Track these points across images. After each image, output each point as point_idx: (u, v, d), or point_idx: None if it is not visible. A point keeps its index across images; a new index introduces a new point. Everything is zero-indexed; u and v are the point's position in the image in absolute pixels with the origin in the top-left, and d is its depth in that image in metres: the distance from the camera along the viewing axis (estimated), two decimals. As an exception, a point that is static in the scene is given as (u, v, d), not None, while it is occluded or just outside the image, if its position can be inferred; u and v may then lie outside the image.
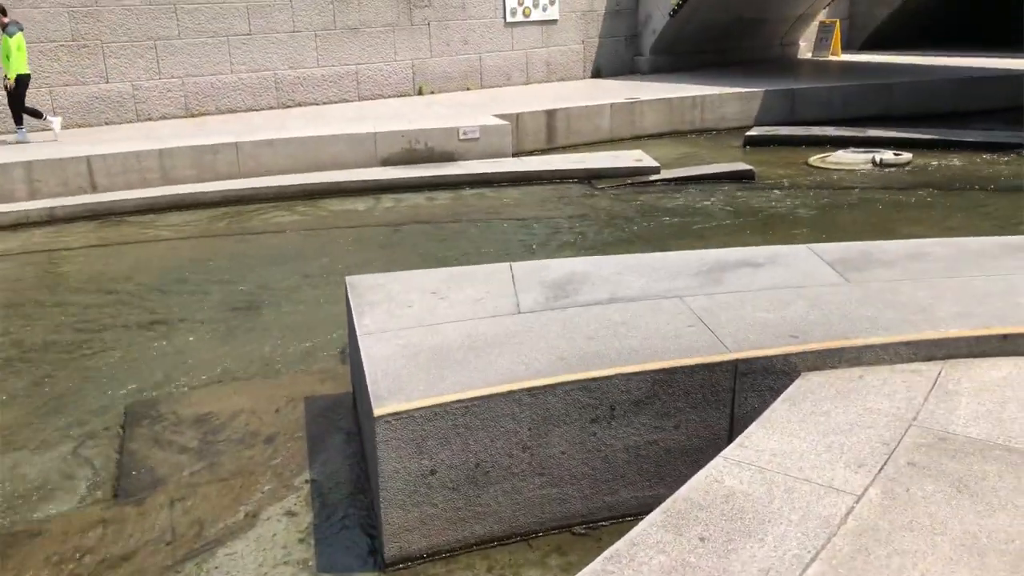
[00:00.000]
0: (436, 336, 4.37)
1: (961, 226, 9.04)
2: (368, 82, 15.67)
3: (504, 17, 17.08)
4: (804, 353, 4.14)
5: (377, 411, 3.63)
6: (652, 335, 4.34)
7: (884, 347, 4.19)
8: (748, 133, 14.36)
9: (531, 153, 13.52)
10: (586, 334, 4.38)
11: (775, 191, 10.95)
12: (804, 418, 3.69)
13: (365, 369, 4.02)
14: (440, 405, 3.71)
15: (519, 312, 4.70)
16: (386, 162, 12.09)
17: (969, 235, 8.67)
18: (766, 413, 3.77)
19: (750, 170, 11.66)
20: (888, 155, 12.32)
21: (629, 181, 11.64)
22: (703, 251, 5.82)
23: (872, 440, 3.47)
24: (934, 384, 3.97)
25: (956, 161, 12.35)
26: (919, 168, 11.98)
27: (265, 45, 14.35)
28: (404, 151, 12.18)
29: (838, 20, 21.86)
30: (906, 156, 12.38)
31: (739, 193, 10.90)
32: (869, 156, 12.34)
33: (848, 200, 10.36)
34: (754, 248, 5.82)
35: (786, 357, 4.12)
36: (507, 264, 5.53)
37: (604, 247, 8.82)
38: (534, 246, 8.93)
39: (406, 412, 3.65)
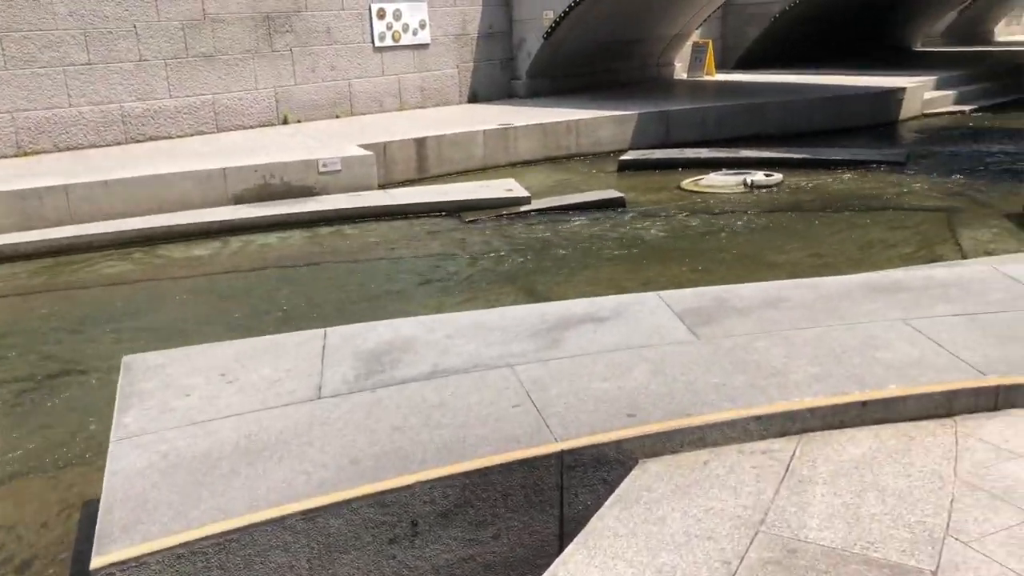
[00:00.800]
0: (207, 438, 3.57)
1: (830, 252, 8.73)
2: (227, 112, 14.64)
3: (373, 42, 16.31)
4: (641, 437, 3.52)
5: (96, 561, 2.80)
6: (470, 421, 3.65)
7: (732, 424, 3.61)
8: (622, 158, 13.98)
9: (401, 184, 12.75)
10: (393, 423, 3.66)
11: (646, 219, 10.50)
12: (635, 528, 3.05)
13: (103, 493, 3.19)
14: (185, 544, 2.91)
15: (319, 397, 3.94)
16: (238, 200, 11.12)
17: (838, 261, 8.42)
18: (591, 523, 3.11)
19: (621, 197, 11.20)
20: (759, 176, 12.08)
21: (499, 213, 11.02)
22: (546, 305, 5.19)
23: (711, 558, 2.85)
24: (787, 469, 3.40)
25: (825, 180, 12.21)
26: (790, 189, 11.77)
27: (107, 76, 13.16)
28: (258, 187, 11.24)
29: (711, 40, 21.96)
30: (777, 177, 12.17)
31: (609, 222, 10.41)
32: (741, 178, 12.08)
33: (718, 226, 9.99)
34: (601, 299, 5.22)
35: (620, 444, 3.48)
36: (322, 331, 4.76)
37: (467, 289, 8.14)
38: (391, 291, 8.17)
39: (137, 559, 2.83)
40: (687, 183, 12.38)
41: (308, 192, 11.47)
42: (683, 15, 20.29)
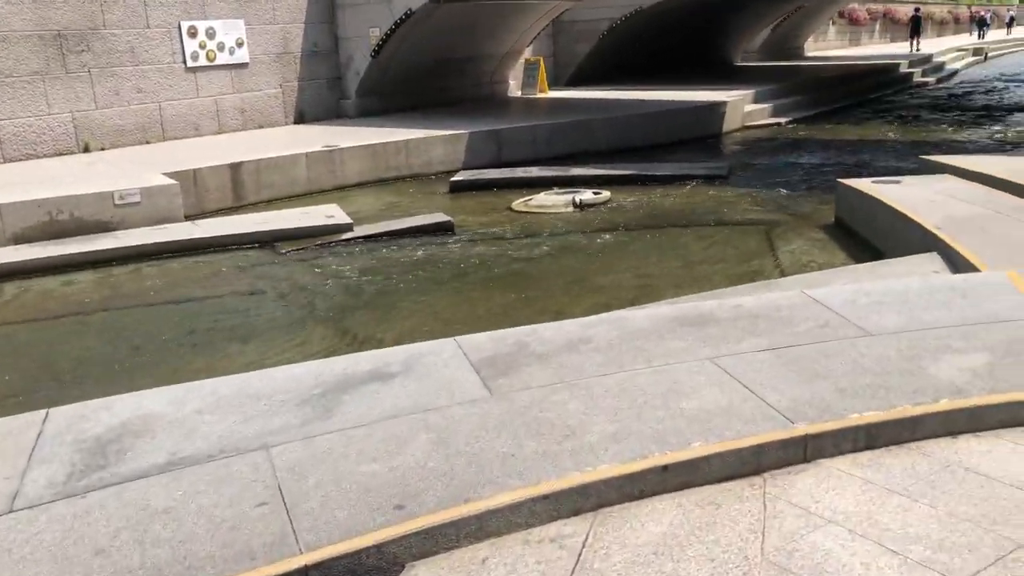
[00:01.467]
0: None
1: (654, 272, 8.47)
2: (16, 141, 13.08)
3: (184, 61, 15.09)
4: (407, 536, 2.89)
5: None
6: (198, 534, 2.91)
7: (517, 507, 3.05)
8: (453, 179, 13.45)
9: (216, 214, 11.71)
10: (97, 545, 2.87)
11: (474, 244, 9.98)
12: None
13: None
14: None
15: (11, 511, 3.09)
16: (19, 239, 9.80)
17: (662, 282, 8.15)
18: (332, 666, 2.47)
19: (449, 221, 10.63)
20: (588, 195, 11.83)
21: (319, 242, 10.21)
22: (327, 361, 4.50)
23: None
24: (577, 561, 2.86)
25: (652, 195, 12.10)
26: (618, 207, 11.56)
27: None
28: (43, 224, 9.95)
29: (541, 58, 21.88)
30: (605, 194, 11.96)
31: (437, 248, 9.81)
32: (570, 197, 11.78)
33: (546, 248, 9.58)
34: (392, 351, 4.58)
35: (381, 547, 2.85)
36: (42, 413, 3.89)
37: (268, 335, 7.30)
38: (177, 342, 7.22)
39: None
40: (517, 204, 11.97)
41: (104, 228, 10.26)
42: (512, 33, 20.08)
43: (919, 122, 19.16)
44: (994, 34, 53.00)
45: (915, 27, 41.38)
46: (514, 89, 22.12)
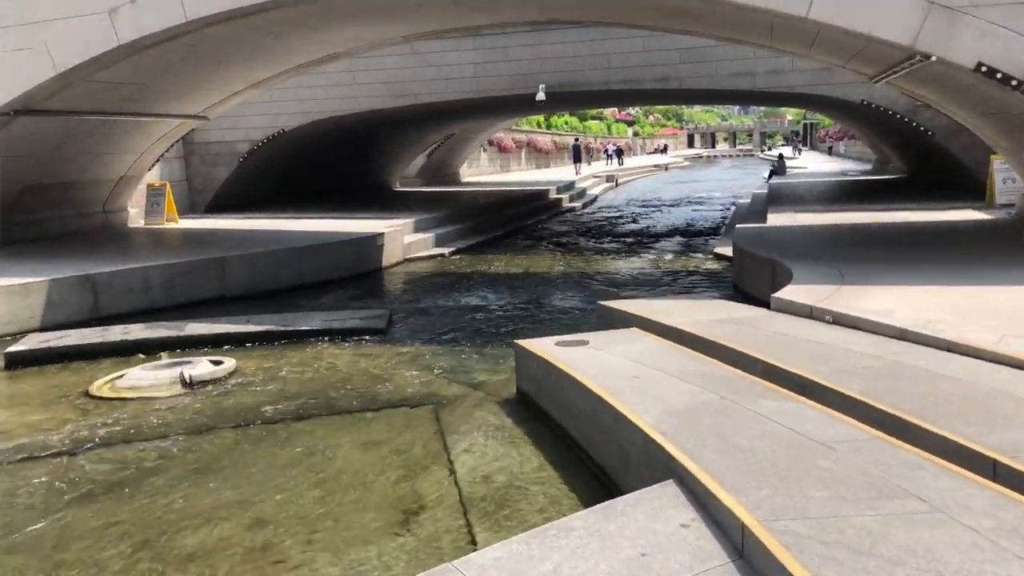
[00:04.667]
0: None
1: (276, 512, 5.56)
2: None
3: None
4: None
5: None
6: None
7: None
8: (10, 348, 9.53)
9: None
10: None
11: None
12: None
13: None
14: None
15: None
16: None
17: (285, 532, 5.20)
18: None
19: (-33, 434, 6.89)
20: (202, 367, 8.68)
21: None
22: None
23: None
24: None
25: (291, 361, 9.27)
26: (244, 382, 8.55)
27: None
28: None
29: (167, 183, 18.39)
30: (227, 365, 8.90)
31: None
32: (177, 372, 8.55)
33: (119, 477, 6.25)
34: None
35: None
36: None
37: None
38: None
39: None
40: (100, 385, 8.46)
41: None
42: (128, 153, 16.46)
43: (579, 251, 18.59)
44: (614, 163, 58.54)
45: (576, 155, 45.70)
46: (136, 219, 18.29)
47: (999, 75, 9.12)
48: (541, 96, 18.78)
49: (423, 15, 12.90)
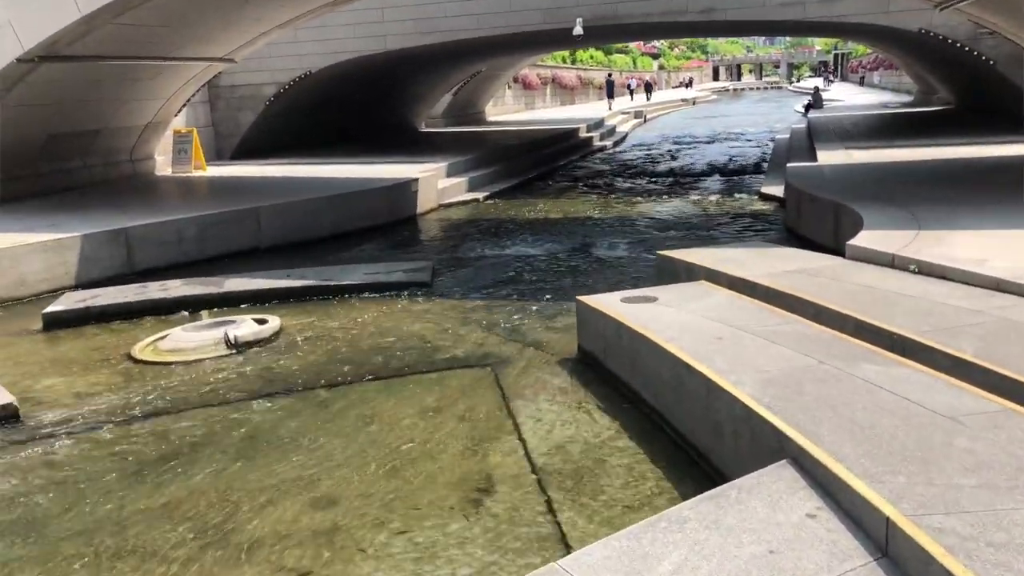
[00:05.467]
0: None
1: (340, 490, 5.20)
2: None
3: None
4: None
5: None
6: None
7: None
8: (48, 309, 9.20)
9: None
10: None
11: (37, 445, 6.03)
12: None
13: None
14: None
15: None
16: None
17: (351, 514, 4.66)
18: None
19: (8, 404, 6.56)
20: (246, 327, 8.30)
21: None
22: None
23: None
24: None
25: (338, 319, 8.88)
26: (289, 343, 8.16)
27: None
28: None
29: (195, 129, 17.86)
30: (273, 324, 8.50)
31: (-26, 463, 5.74)
32: (221, 332, 8.18)
33: (172, 451, 5.89)
34: None
35: None
36: None
37: None
38: None
39: None
40: (142, 348, 8.11)
41: None
42: (154, 99, 15.94)
43: (617, 193, 17.95)
44: (638, 99, 57.00)
45: (610, 90, 45.40)
46: (163, 167, 17.84)
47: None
48: (579, 30, 17.91)
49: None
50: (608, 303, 6.98)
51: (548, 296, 9.44)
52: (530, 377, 6.96)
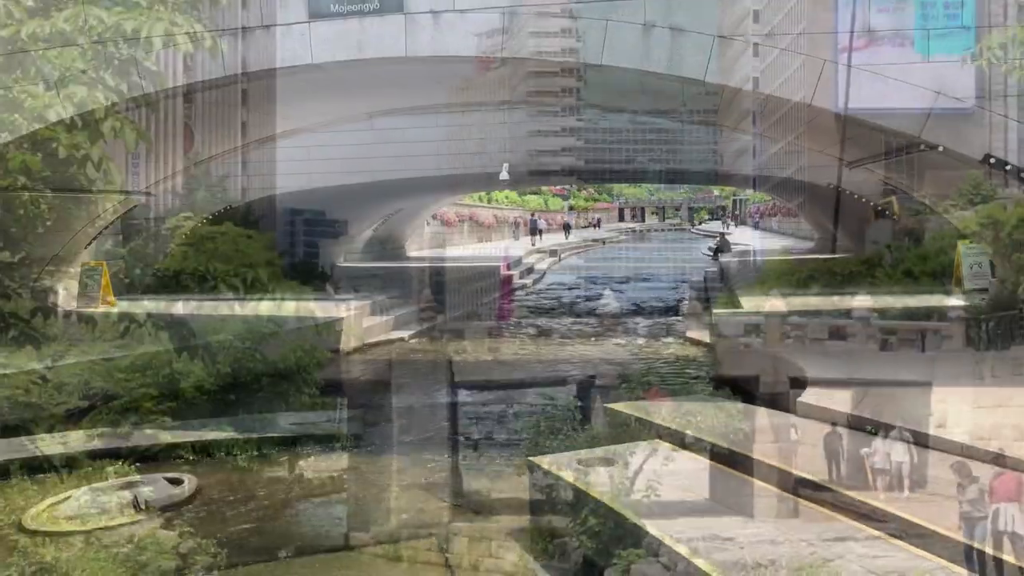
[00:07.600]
0: None
1: None
2: None
3: None
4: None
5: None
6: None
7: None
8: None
9: None
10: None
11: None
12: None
13: None
14: None
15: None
16: None
17: None
18: None
19: None
20: (158, 489, 7.44)
21: None
22: None
23: None
24: None
25: (257, 475, 8.10)
26: (208, 507, 7.33)
27: None
28: None
29: (104, 263, 16.91)
30: (188, 484, 7.67)
31: None
32: (128, 494, 7.28)
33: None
34: None
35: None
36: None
37: None
38: None
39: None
40: (36, 514, 7.12)
41: None
42: (61, 232, 15.08)
43: (544, 333, 17.77)
44: (555, 237, 58.35)
45: (533, 228, 47.00)
46: (68, 301, 16.72)
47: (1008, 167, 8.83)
48: (505, 175, 18.18)
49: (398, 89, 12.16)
50: (562, 465, 6.53)
51: (488, 449, 8.93)
52: (479, 553, 6.34)
